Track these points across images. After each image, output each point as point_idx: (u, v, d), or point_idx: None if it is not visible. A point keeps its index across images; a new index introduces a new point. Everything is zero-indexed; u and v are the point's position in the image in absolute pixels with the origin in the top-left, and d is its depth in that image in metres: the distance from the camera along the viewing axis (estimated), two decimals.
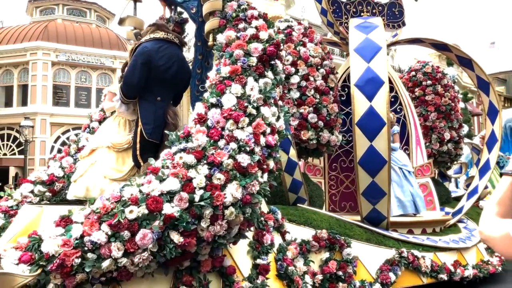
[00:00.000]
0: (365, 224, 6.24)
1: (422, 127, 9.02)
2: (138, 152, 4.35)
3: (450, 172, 11.16)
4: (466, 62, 8.50)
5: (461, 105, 16.29)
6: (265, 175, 3.85)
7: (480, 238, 1.73)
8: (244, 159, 3.68)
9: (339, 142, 6.65)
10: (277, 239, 5.03)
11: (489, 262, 7.21)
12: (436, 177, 10.49)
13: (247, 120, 3.88)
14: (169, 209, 3.36)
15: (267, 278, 4.32)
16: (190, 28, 5.66)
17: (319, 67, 6.40)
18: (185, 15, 5.46)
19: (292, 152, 5.83)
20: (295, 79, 6.25)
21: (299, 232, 5.44)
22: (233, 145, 3.73)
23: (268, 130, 3.96)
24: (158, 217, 3.33)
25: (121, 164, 4.39)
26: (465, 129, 17.63)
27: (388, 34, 9.22)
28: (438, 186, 9.32)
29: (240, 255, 4.26)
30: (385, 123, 5.79)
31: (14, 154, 22.96)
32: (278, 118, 4.18)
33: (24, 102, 23.61)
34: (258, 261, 4.33)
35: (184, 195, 3.44)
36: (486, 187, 9.08)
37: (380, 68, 5.91)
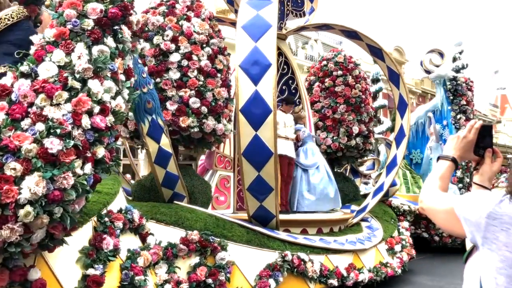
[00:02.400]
0: (252, 224, 5.59)
1: (330, 119, 8.48)
2: None
3: (362, 168, 10.79)
4: (377, 52, 8.08)
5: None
6: (88, 166, 3.04)
7: (419, 206, 1.66)
8: (53, 145, 2.86)
9: (228, 132, 5.92)
10: (134, 243, 4.26)
11: (388, 265, 6.77)
12: (348, 173, 10.07)
13: (65, 95, 3.06)
14: None
15: None
16: None
17: (204, 45, 5.62)
18: None
19: (165, 141, 5.04)
20: (175, 57, 5.43)
21: (167, 234, 4.71)
22: (40, 126, 2.90)
23: (97, 109, 3.16)
24: None
25: None
26: (389, 123, 17.51)
27: (302, 19, 8.68)
28: (346, 182, 8.85)
29: (64, 264, 3.43)
30: (271, 110, 5.12)
31: None
32: (116, 95, 3.39)
33: None
34: (90, 271, 3.52)
35: None
36: (394, 184, 8.73)
37: (268, 49, 5.21)
